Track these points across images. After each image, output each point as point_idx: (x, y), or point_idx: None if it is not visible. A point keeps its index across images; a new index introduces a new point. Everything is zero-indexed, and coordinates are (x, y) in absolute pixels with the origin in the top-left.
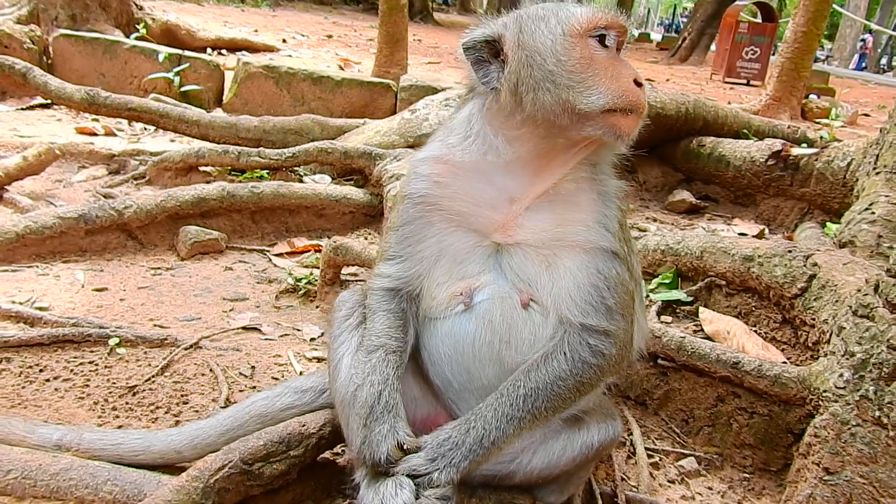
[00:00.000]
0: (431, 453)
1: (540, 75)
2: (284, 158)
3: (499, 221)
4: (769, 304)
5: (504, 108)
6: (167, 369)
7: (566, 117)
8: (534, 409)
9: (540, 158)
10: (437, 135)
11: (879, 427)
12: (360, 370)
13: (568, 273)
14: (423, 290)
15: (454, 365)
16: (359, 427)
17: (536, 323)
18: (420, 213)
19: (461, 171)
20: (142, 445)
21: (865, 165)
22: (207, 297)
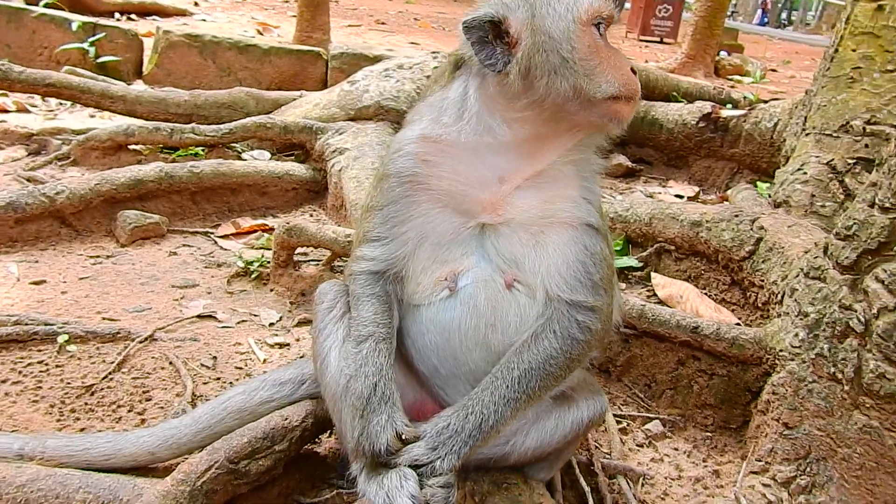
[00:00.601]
0: (432, 442)
1: (556, 61)
2: (221, 135)
3: (487, 200)
4: (718, 267)
5: (508, 91)
6: (124, 365)
7: (576, 103)
8: (528, 389)
9: (537, 140)
10: (423, 112)
11: (835, 382)
12: (351, 361)
13: (557, 250)
14: (408, 273)
15: (441, 352)
16: (355, 419)
17: (521, 304)
18: (406, 193)
19: (452, 151)
20: (112, 449)
21: (792, 126)
22: (155, 284)
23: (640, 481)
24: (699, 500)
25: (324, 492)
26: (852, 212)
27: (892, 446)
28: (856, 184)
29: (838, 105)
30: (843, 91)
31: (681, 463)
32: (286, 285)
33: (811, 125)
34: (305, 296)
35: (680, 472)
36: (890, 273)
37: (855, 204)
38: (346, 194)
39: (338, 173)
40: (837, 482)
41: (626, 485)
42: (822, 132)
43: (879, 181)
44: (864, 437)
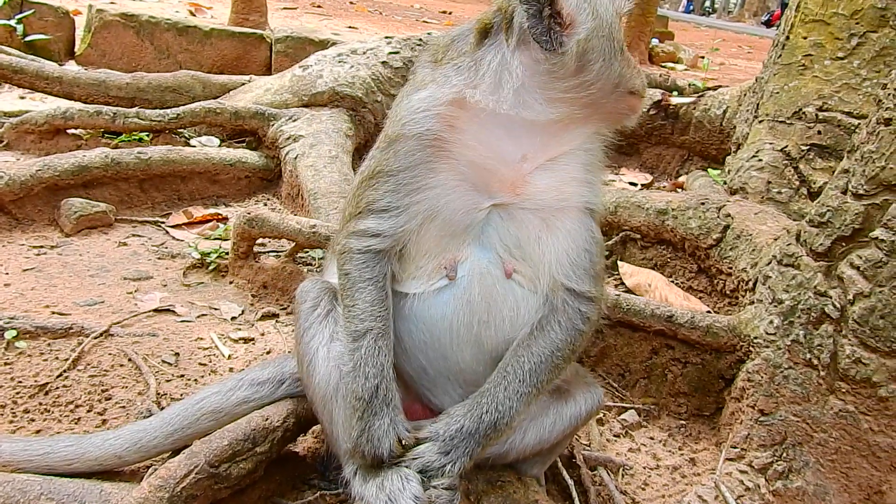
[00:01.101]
0: (444, 446)
1: (613, 47)
2: (168, 120)
3: (508, 178)
4: (684, 255)
5: (558, 70)
6: (79, 362)
7: (611, 91)
8: (538, 382)
9: (568, 123)
10: (449, 73)
11: (810, 368)
12: (348, 359)
13: (567, 235)
14: (409, 253)
15: (430, 351)
16: (351, 420)
17: (518, 296)
18: (427, 157)
19: (483, 120)
20: (75, 452)
21: (742, 113)
22: (105, 276)
23: (620, 472)
24: (678, 489)
25: (305, 493)
26: (825, 199)
27: (868, 430)
28: (810, 170)
29: (790, 92)
30: (794, 78)
31: (657, 452)
32: (247, 277)
33: (764, 112)
34: (268, 288)
35: (657, 461)
36: (865, 259)
37: (827, 191)
38: (303, 183)
39: (293, 161)
40: (814, 467)
41: (607, 476)
42: (776, 119)
43: (852, 168)
44: (840, 421)
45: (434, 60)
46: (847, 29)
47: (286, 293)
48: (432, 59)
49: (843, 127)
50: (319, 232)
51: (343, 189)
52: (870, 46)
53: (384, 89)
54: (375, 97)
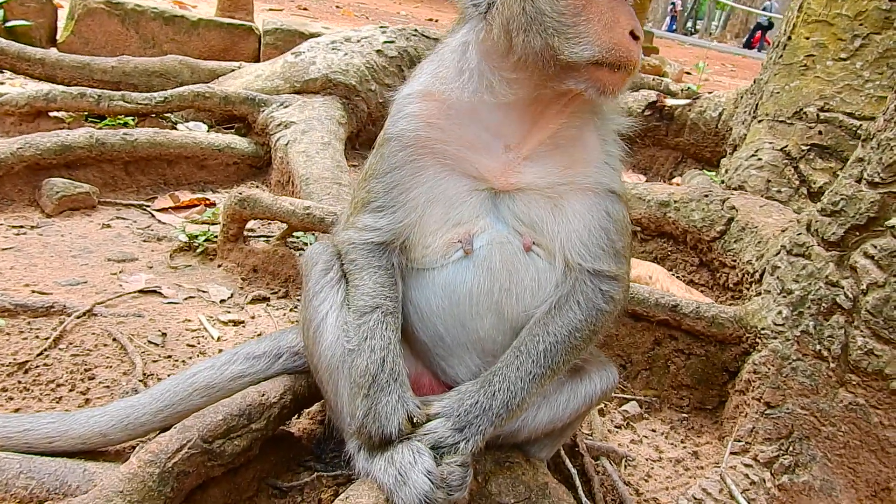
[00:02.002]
0: (458, 422)
1: (530, 14)
2: (155, 103)
3: (496, 168)
4: (685, 247)
5: (496, 47)
6: (60, 341)
7: (552, 65)
8: (553, 363)
9: (536, 104)
10: (424, 66)
11: (820, 360)
12: (353, 334)
13: (577, 216)
14: (415, 239)
15: (448, 318)
16: (358, 397)
17: (540, 268)
18: (410, 157)
19: (454, 111)
20: (57, 430)
21: (739, 115)
22: (88, 257)
23: (622, 463)
24: (682, 481)
25: (300, 475)
26: (838, 187)
27: (878, 424)
28: (810, 170)
29: (791, 92)
30: (796, 78)
31: (660, 444)
32: (236, 261)
33: (763, 112)
34: (258, 272)
35: (660, 453)
36: (880, 248)
37: (840, 179)
38: (294, 169)
39: (284, 148)
40: (821, 461)
41: (610, 466)
42: (776, 119)
43: (867, 156)
44: (850, 415)
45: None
46: (850, 30)
47: (277, 277)
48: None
49: (845, 128)
50: (314, 214)
51: (336, 175)
52: (873, 48)
53: (378, 78)
54: (369, 85)
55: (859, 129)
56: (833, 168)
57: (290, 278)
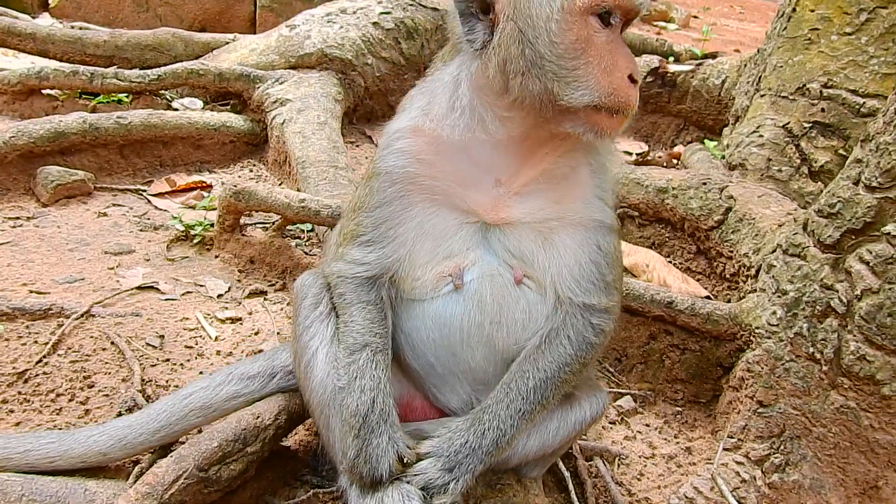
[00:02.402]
0: (448, 462)
1: (530, 58)
2: (148, 81)
3: (486, 203)
4: (683, 235)
5: (493, 84)
6: (59, 346)
7: (549, 108)
8: (543, 399)
9: (530, 142)
10: (414, 99)
11: (813, 362)
12: (343, 372)
13: (568, 251)
14: (404, 272)
15: (439, 349)
16: (348, 436)
17: (530, 300)
18: (400, 193)
19: (444, 147)
20: (57, 450)
21: (742, 84)
22: (85, 250)
23: (616, 462)
24: (674, 479)
25: (297, 491)
26: (835, 189)
27: (868, 427)
28: (812, 148)
29: (795, 67)
30: (799, 52)
31: (653, 440)
32: (233, 251)
33: (766, 86)
34: (255, 263)
35: (653, 449)
36: (876, 255)
37: (838, 181)
38: (290, 150)
39: (280, 126)
40: (811, 460)
41: (603, 467)
42: (779, 94)
43: (866, 158)
44: (840, 417)
45: (428, 74)
46: (856, 3)
47: (274, 269)
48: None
49: (848, 105)
50: (309, 206)
51: (332, 157)
52: (879, 23)
53: (374, 52)
54: (365, 59)
55: (862, 106)
56: (835, 146)
57: (286, 269)
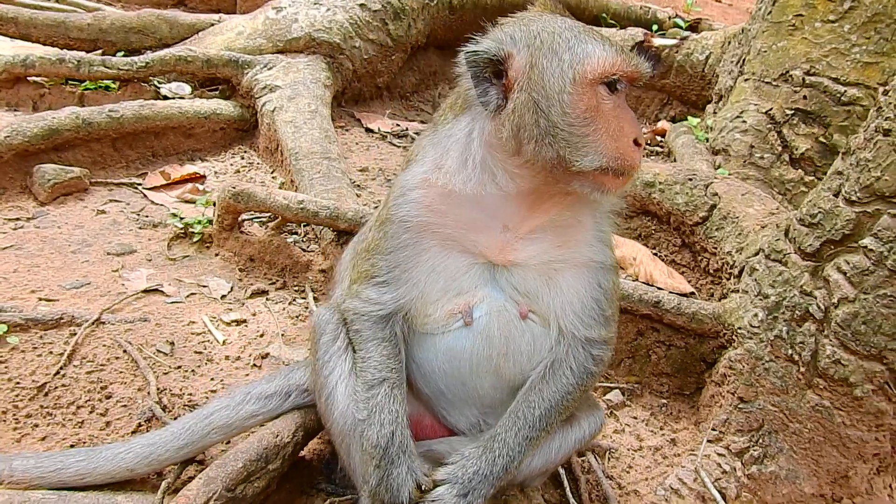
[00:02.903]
0: (463, 489)
1: (543, 127)
2: (136, 69)
3: (494, 246)
4: (669, 228)
5: (505, 145)
6: (74, 356)
7: (560, 171)
8: (548, 425)
9: (537, 195)
10: (427, 150)
11: (791, 363)
12: (363, 406)
13: (571, 289)
14: (417, 309)
15: (449, 378)
16: (369, 466)
17: (535, 334)
18: (414, 239)
19: (456, 198)
20: (87, 468)
21: (726, 62)
22: (88, 252)
23: (606, 456)
24: (660, 470)
25: (315, 500)
26: (817, 199)
27: (840, 424)
28: (793, 135)
29: (778, 53)
30: (783, 38)
31: (640, 432)
32: (233, 250)
33: (750, 70)
34: (255, 262)
35: (640, 441)
36: (853, 266)
37: (819, 191)
38: (282, 140)
39: (270, 114)
40: (787, 453)
41: (595, 462)
42: (762, 79)
43: (846, 172)
44: (816, 414)
45: (433, 125)
46: None
47: (274, 267)
48: (435, 121)
49: (830, 93)
50: (307, 208)
51: (325, 148)
52: (862, 11)
53: (362, 34)
54: (353, 43)
55: (843, 95)
56: (815, 134)
57: (286, 268)
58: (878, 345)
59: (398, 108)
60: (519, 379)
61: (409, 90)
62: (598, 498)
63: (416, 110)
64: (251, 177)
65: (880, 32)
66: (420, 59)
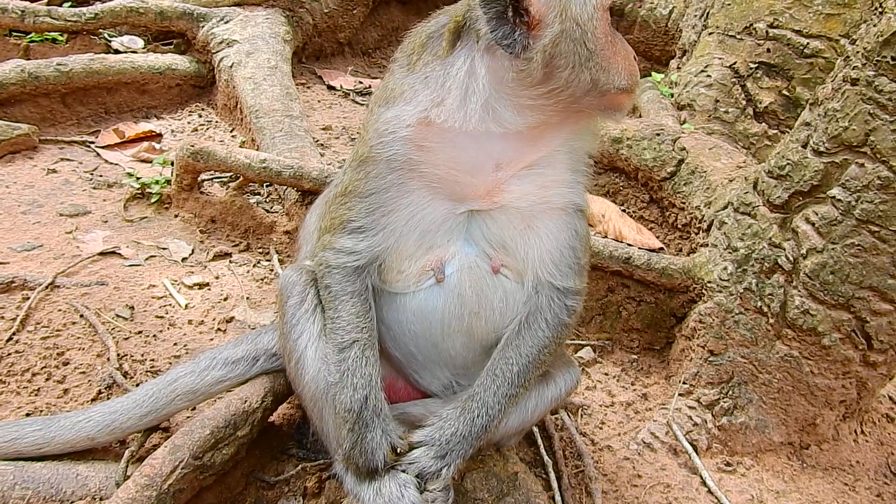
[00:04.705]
0: (440, 450)
1: (582, 53)
2: (85, 20)
3: (482, 187)
4: (637, 184)
5: (525, 78)
6: (27, 322)
7: (591, 95)
8: (526, 381)
9: (544, 128)
10: (416, 88)
11: (760, 315)
12: (334, 369)
13: (550, 235)
14: (390, 263)
15: (420, 339)
16: (342, 430)
17: (507, 289)
18: (398, 180)
19: (451, 136)
20: (44, 437)
21: (689, 18)
22: (40, 213)
23: (578, 413)
24: (632, 425)
25: (286, 465)
26: (785, 151)
27: (808, 373)
28: (757, 89)
29: (742, 6)
30: None
31: (612, 388)
32: (193, 211)
33: (714, 24)
34: (216, 223)
35: (612, 397)
36: (821, 216)
37: (787, 143)
38: (241, 97)
39: (228, 70)
40: (756, 404)
41: (568, 419)
42: (726, 33)
43: (814, 122)
44: (784, 364)
45: (408, 64)
46: None
47: (236, 228)
48: (407, 61)
49: (793, 46)
50: (270, 167)
51: (287, 106)
52: None
53: None
54: None
55: (806, 47)
56: (779, 87)
57: (249, 229)
58: (845, 294)
59: (360, 64)
60: (491, 338)
61: (371, 46)
62: (571, 455)
63: (378, 67)
64: (210, 135)
65: None
66: (382, 15)
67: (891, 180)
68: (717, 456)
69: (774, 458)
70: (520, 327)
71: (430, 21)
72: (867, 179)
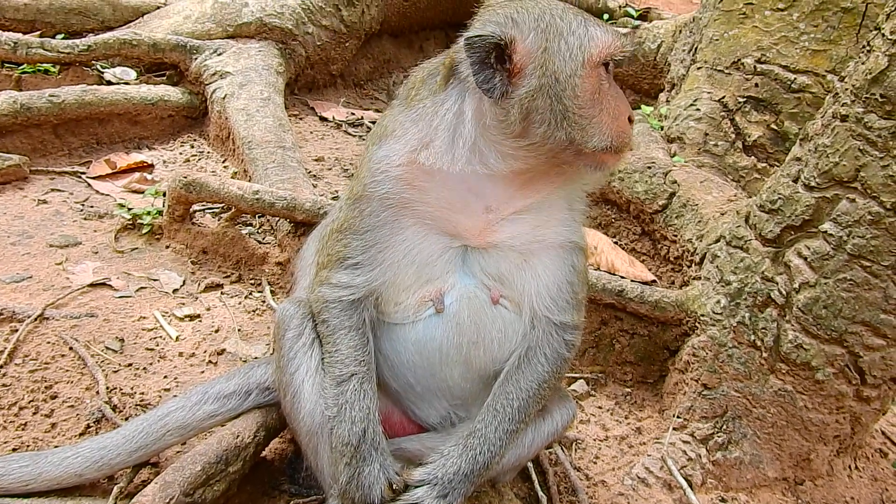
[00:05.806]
0: (443, 489)
1: (557, 110)
2: (78, 52)
3: (473, 227)
4: (629, 216)
5: (506, 128)
6: (15, 354)
7: (568, 153)
8: (526, 416)
9: (530, 175)
10: (407, 126)
11: (753, 349)
12: (332, 402)
13: (546, 271)
14: (387, 295)
15: (418, 370)
16: (339, 464)
17: (506, 320)
18: (391, 218)
19: (441, 177)
20: (32, 473)
21: (677, 51)
22: (29, 244)
23: (573, 447)
24: (626, 460)
25: (278, 502)
26: (776, 185)
27: (803, 407)
28: (746, 123)
29: (730, 41)
30: (735, 26)
31: (606, 422)
32: (184, 242)
33: (703, 58)
34: (208, 254)
35: (606, 431)
36: (813, 251)
37: (779, 177)
38: (234, 128)
39: (221, 101)
40: (751, 438)
41: (562, 453)
42: (714, 68)
43: (805, 158)
44: (778, 399)
45: (406, 98)
46: None
47: (228, 259)
48: (406, 95)
49: (780, 81)
50: (263, 199)
51: (279, 137)
52: None
53: (315, 20)
54: (306, 28)
55: (793, 82)
56: (767, 121)
57: (241, 260)
58: (838, 328)
59: (352, 96)
60: (489, 368)
61: (363, 78)
62: (566, 490)
63: (370, 98)
64: (202, 166)
65: (827, 20)
66: (374, 47)
67: (881, 215)
68: (711, 491)
69: (769, 493)
70: (519, 362)
71: (437, 58)
72: (858, 214)
